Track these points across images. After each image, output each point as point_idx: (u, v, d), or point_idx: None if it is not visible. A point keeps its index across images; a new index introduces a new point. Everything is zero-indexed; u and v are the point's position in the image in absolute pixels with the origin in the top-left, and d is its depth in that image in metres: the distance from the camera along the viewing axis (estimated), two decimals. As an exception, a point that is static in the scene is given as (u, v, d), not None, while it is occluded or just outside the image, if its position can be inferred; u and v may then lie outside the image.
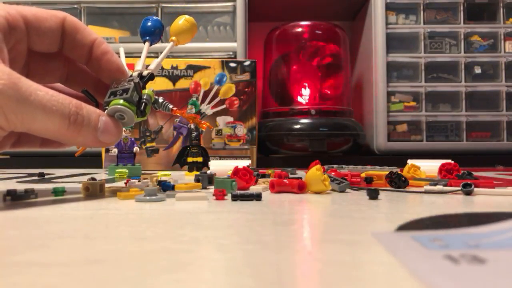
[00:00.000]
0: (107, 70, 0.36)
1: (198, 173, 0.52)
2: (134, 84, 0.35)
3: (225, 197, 0.36)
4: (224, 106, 0.92)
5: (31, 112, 0.28)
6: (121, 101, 0.34)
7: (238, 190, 0.39)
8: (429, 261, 0.14)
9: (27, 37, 0.33)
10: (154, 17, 0.42)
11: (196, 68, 0.91)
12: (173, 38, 0.42)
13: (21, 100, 0.28)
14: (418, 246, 0.16)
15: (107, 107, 0.34)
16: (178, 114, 0.41)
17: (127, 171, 0.65)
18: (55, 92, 0.30)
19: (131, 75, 0.37)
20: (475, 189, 0.38)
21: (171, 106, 0.40)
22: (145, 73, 0.38)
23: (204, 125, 0.43)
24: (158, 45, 0.44)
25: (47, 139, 0.37)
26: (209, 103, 0.91)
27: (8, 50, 0.32)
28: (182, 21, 0.43)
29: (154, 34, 0.41)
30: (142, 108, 0.36)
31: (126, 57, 0.41)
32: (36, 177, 0.67)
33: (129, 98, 0.34)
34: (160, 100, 0.39)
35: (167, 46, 0.42)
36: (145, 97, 0.36)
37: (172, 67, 0.90)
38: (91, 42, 0.36)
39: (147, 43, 0.41)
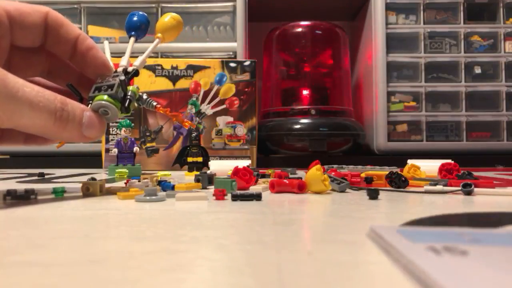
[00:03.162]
0: (93, 66, 0.37)
1: (198, 173, 0.52)
2: (120, 81, 0.35)
3: (225, 197, 0.36)
4: (224, 106, 0.92)
5: (18, 108, 0.28)
6: (105, 97, 0.35)
7: (238, 190, 0.39)
8: (412, 252, 0.15)
9: (10, 32, 0.33)
10: (140, 12, 0.42)
11: (196, 68, 0.91)
12: (159, 35, 0.42)
13: (9, 97, 0.28)
14: (403, 239, 0.17)
15: (91, 102, 0.35)
16: (161, 112, 0.41)
17: (127, 171, 0.65)
18: (40, 88, 0.30)
19: (116, 71, 0.38)
20: (475, 189, 0.38)
21: (154, 104, 0.40)
22: (130, 69, 0.38)
23: (186, 124, 0.42)
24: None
25: (31, 136, 0.37)
26: (209, 103, 0.91)
27: None
28: (168, 18, 0.43)
29: (140, 29, 0.41)
30: (126, 104, 0.36)
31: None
32: (36, 177, 0.67)
33: (114, 94, 0.35)
34: (144, 96, 0.39)
35: (153, 43, 0.42)
36: (129, 93, 0.36)
37: (172, 67, 0.90)
38: (75, 37, 0.36)
39: (132, 39, 0.41)
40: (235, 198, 0.35)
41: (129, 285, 0.13)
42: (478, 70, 1.15)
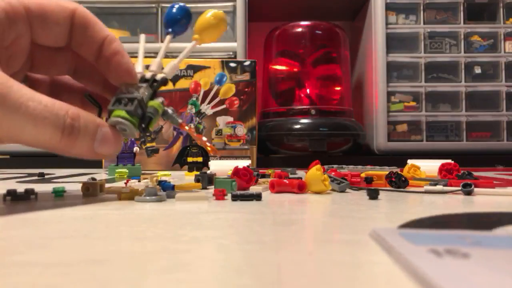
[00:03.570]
0: (115, 72, 0.33)
1: (198, 173, 0.52)
2: (138, 101, 0.32)
3: (225, 197, 0.36)
4: (224, 106, 0.92)
5: (18, 125, 0.26)
6: (123, 113, 0.31)
7: (238, 190, 0.39)
8: (414, 254, 0.15)
9: (30, 30, 0.31)
10: (181, 4, 0.37)
11: (196, 68, 0.91)
12: (196, 36, 0.37)
13: (8, 114, 0.26)
14: (405, 241, 0.17)
15: (111, 116, 0.32)
16: (185, 130, 0.37)
17: (127, 171, 0.65)
18: (50, 100, 0.28)
19: (143, 78, 0.34)
20: (475, 189, 0.38)
21: (180, 121, 0.36)
22: (158, 77, 0.34)
23: (209, 149, 0.37)
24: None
25: None
26: (209, 103, 0.91)
27: (6, 47, 0.30)
28: (208, 16, 0.37)
29: (179, 24, 0.36)
30: (145, 125, 0.32)
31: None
32: (36, 177, 0.67)
33: (133, 111, 0.31)
34: (170, 112, 0.35)
35: (188, 45, 0.36)
36: (151, 110, 0.33)
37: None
38: (102, 39, 0.33)
39: (168, 36, 0.36)
40: (235, 198, 0.35)
41: (129, 285, 0.13)
42: (478, 70, 1.15)
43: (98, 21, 0.33)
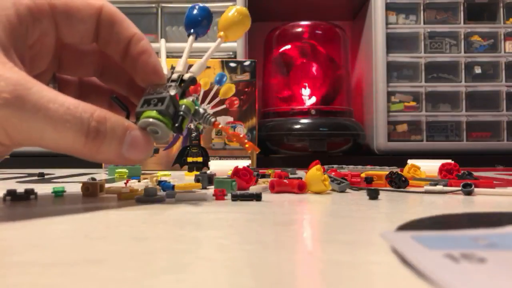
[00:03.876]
0: (142, 72, 0.32)
1: (198, 173, 0.52)
2: (170, 97, 0.30)
3: (225, 197, 0.36)
4: (224, 106, 0.92)
5: (38, 129, 0.25)
6: (154, 113, 0.29)
7: (238, 190, 0.39)
8: (429, 259, 0.14)
9: (56, 28, 0.30)
10: (201, 5, 0.36)
11: (196, 68, 0.91)
12: (221, 33, 0.36)
13: (26, 117, 0.24)
14: (418, 245, 0.16)
15: (140, 118, 0.30)
16: (220, 129, 0.35)
17: (127, 171, 0.65)
18: (74, 102, 0.26)
19: (171, 79, 0.33)
20: (475, 189, 0.38)
21: (213, 120, 0.34)
22: (186, 76, 0.33)
23: (247, 146, 0.34)
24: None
25: None
26: (209, 103, 0.91)
27: (30, 45, 0.29)
28: (232, 12, 0.36)
29: (201, 25, 0.35)
30: (178, 123, 0.30)
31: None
32: (36, 177, 0.67)
33: (164, 110, 0.29)
34: (201, 111, 0.33)
35: (214, 43, 0.35)
36: (183, 109, 0.31)
37: (172, 67, 0.90)
38: (128, 37, 0.31)
39: (191, 37, 0.35)
40: (235, 198, 0.35)
41: (129, 285, 0.13)
42: (478, 70, 1.15)
43: (125, 18, 0.32)
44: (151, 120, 0.29)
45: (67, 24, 0.30)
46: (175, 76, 0.33)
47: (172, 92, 0.31)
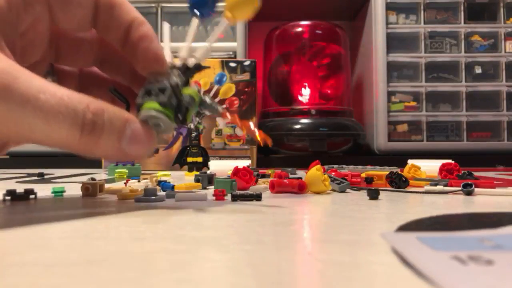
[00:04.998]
0: (143, 59, 0.29)
1: (198, 173, 0.52)
2: (171, 86, 0.28)
3: (225, 197, 0.36)
4: (224, 106, 0.92)
5: (27, 122, 0.22)
6: (156, 105, 0.27)
7: (238, 190, 0.39)
8: (436, 261, 0.14)
9: (50, 14, 0.27)
10: None
11: (196, 68, 0.91)
12: (228, 14, 0.32)
13: (13, 108, 0.22)
14: (424, 247, 0.16)
15: (140, 110, 0.28)
16: (228, 119, 0.32)
17: (126, 171, 0.65)
18: (68, 93, 0.24)
19: (173, 65, 0.30)
20: (476, 189, 0.38)
21: (220, 109, 0.31)
22: (190, 62, 0.30)
23: (259, 138, 0.32)
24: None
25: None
26: (209, 103, 0.91)
27: (22, 33, 0.26)
28: None
29: (207, 5, 0.32)
30: (182, 115, 0.28)
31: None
32: (36, 177, 0.67)
33: (167, 101, 0.28)
34: (208, 100, 0.30)
35: (219, 26, 0.32)
36: (187, 99, 0.29)
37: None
38: (129, 21, 0.29)
39: (196, 20, 0.32)
40: (235, 198, 0.34)
41: (129, 285, 0.13)
42: (478, 70, 1.15)
43: (125, 1, 0.29)
44: (152, 112, 0.27)
45: (62, 8, 0.27)
46: (178, 62, 0.30)
47: (174, 81, 0.28)
